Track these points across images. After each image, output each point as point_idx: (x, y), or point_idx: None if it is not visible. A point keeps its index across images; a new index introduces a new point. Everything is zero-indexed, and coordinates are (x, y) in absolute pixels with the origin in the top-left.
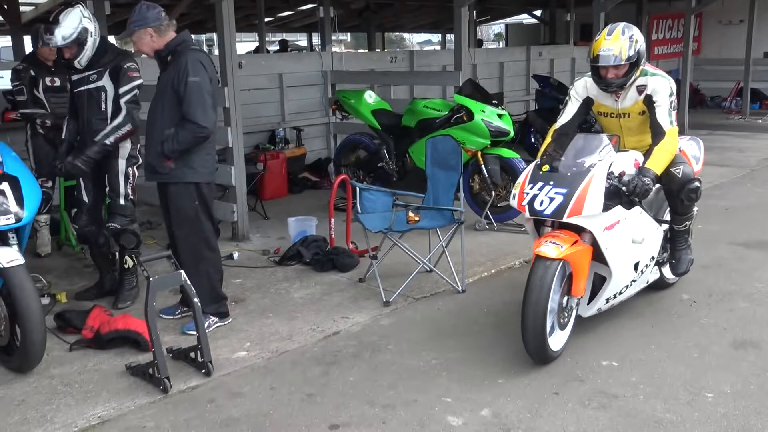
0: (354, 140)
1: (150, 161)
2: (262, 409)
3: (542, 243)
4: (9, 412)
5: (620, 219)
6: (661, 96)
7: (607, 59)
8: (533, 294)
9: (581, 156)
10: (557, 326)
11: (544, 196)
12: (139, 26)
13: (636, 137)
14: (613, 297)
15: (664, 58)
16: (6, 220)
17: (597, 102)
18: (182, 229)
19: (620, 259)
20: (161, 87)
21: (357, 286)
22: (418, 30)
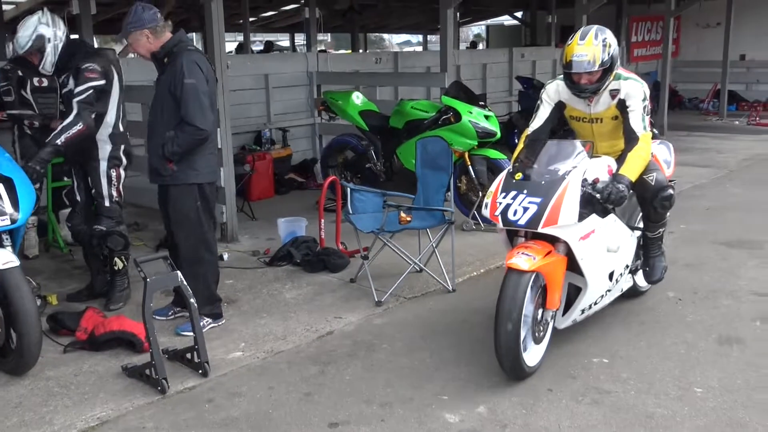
0: (341, 141)
1: (153, 164)
2: (262, 409)
3: (514, 254)
4: (6, 415)
5: (595, 228)
6: (635, 100)
7: (581, 65)
8: (505, 308)
9: (554, 163)
10: (532, 340)
11: (518, 206)
12: (135, 27)
13: (608, 142)
14: (588, 308)
15: (643, 59)
16: (1, 221)
17: (569, 106)
18: (183, 230)
19: (596, 269)
20: (160, 90)
21: (348, 286)
22: (401, 31)
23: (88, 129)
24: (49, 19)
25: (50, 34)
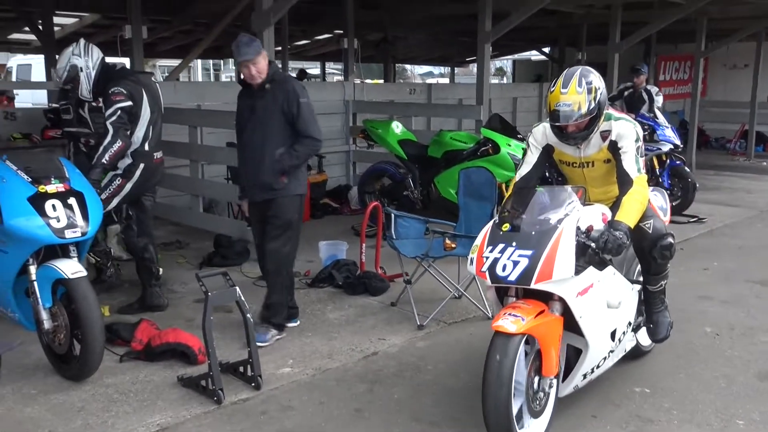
0: (379, 168)
1: (265, 180)
2: (314, 422)
3: (501, 316)
4: (70, 418)
5: (594, 282)
6: (627, 141)
7: (566, 116)
8: (491, 378)
9: (546, 212)
10: (529, 414)
11: (507, 260)
12: (260, 51)
13: (601, 188)
14: (591, 371)
15: (671, 98)
16: (73, 233)
17: (558, 150)
18: (283, 240)
19: (596, 328)
20: (265, 112)
21: (389, 309)
22: (429, 63)
23: (126, 146)
24: (81, 49)
25: (82, 64)
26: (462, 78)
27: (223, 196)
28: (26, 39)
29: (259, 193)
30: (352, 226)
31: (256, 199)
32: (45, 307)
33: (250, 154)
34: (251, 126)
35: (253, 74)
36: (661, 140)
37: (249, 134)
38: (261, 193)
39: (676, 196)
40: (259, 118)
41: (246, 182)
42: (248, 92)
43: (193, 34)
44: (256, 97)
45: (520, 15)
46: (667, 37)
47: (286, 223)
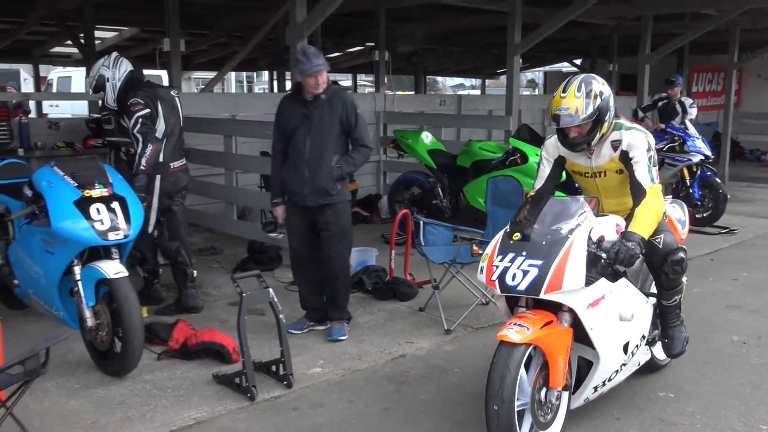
0: (409, 178)
1: (322, 185)
2: (344, 419)
3: (507, 326)
4: (111, 411)
5: (605, 293)
6: (638, 151)
7: (565, 120)
8: (495, 387)
9: (557, 222)
10: (536, 427)
11: (517, 269)
12: (325, 66)
13: (615, 199)
14: (602, 384)
15: (704, 110)
16: (116, 235)
17: (569, 161)
18: (341, 243)
19: (608, 341)
20: (317, 121)
21: (417, 314)
22: (459, 75)
23: (157, 148)
24: (111, 61)
25: (109, 75)
26: (493, 90)
27: (257, 204)
28: (67, 52)
29: (314, 198)
30: (382, 234)
31: (309, 204)
32: (88, 306)
33: (305, 160)
34: (304, 134)
35: (318, 84)
36: (692, 151)
37: (302, 142)
38: (316, 198)
39: (706, 207)
40: (315, 126)
41: (296, 188)
42: (300, 101)
43: (227, 47)
44: (311, 107)
45: (549, 27)
46: (700, 48)
47: (342, 227)
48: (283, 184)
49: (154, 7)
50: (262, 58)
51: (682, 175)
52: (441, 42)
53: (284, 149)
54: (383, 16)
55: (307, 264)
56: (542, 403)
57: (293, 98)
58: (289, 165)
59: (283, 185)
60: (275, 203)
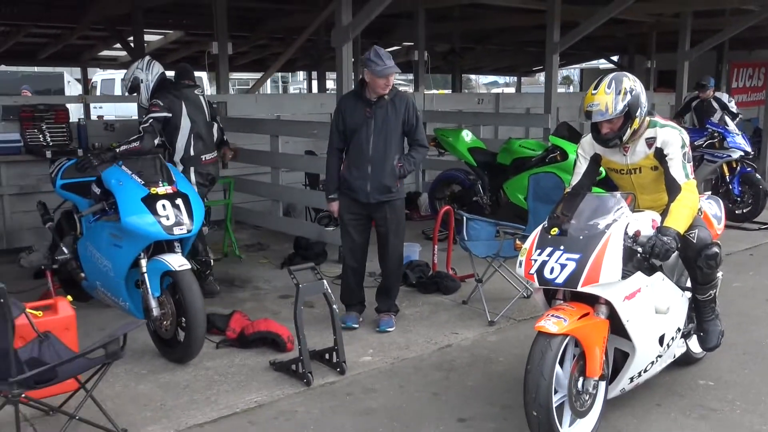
0: (449, 175)
1: (387, 183)
2: (396, 403)
3: (544, 317)
4: (178, 394)
5: (641, 287)
6: (673, 148)
7: (596, 115)
8: (532, 378)
9: (594, 217)
10: (572, 414)
11: (555, 263)
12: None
13: (651, 195)
14: (638, 375)
15: (744, 106)
16: (180, 230)
17: (605, 158)
18: (399, 236)
19: (644, 333)
20: (380, 121)
21: (461, 307)
22: (495, 73)
23: (142, 149)
24: (144, 64)
25: (143, 77)
26: (528, 87)
27: (302, 201)
28: (114, 55)
29: (376, 195)
30: (423, 230)
31: (371, 201)
32: (154, 296)
33: (368, 158)
34: (367, 133)
35: (388, 85)
36: (731, 147)
37: (366, 140)
38: (379, 195)
39: (746, 203)
40: (379, 126)
41: (359, 185)
42: (362, 101)
43: (267, 48)
44: (375, 107)
45: (588, 26)
46: (740, 44)
47: (399, 223)
48: (342, 180)
49: (200, 11)
50: (300, 58)
51: (722, 171)
52: (478, 41)
53: (341, 147)
54: (422, 17)
55: (361, 256)
56: (580, 392)
57: (356, 98)
58: (350, 162)
59: (340, 182)
60: (332, 198)
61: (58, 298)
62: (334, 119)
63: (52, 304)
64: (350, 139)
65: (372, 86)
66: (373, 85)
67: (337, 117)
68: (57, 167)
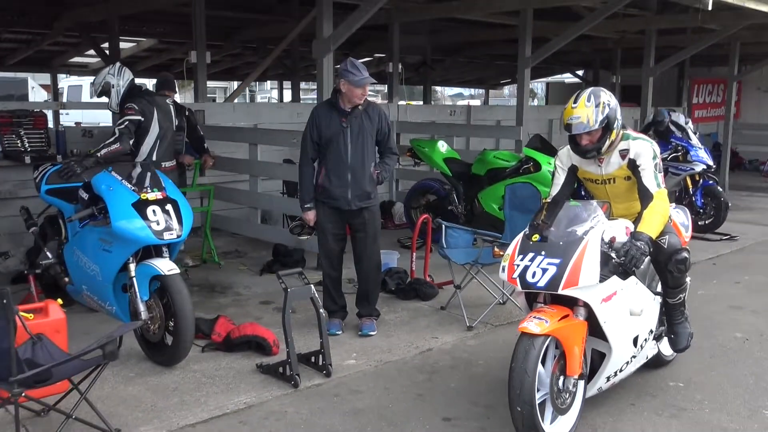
0: (424, 185)
1: (366, 190)
2: (382, 403)
3: (527, 319)
4: (167, 396)
5: (617, 290)
6: (645, 159)
7: (578, 127)
8: (516, 376)
9: (572, 224)
10: (554, 411)
11: (537, 267)
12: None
13: (624, 204)
14: (614, 374)
15: (704, 121)
16: (170, 234)
17: (581, 168)
18: (375, 243)
19: (619, 333)
20: (356, 130)
21: (439, 313)
22: (463, 85)
23: (123, 149)
24: (115, 70)
25: (114, 82)
26: (493, 100)
27: (279, 209)
28: (84, 62)
29: (357, 201)
30: (398, 239)
31: (353, 207)
32: (143, 300)
33: (348, 166)
34: (345, 142)
35: (364, 95)
36: (694, 161)
37: (343, 149)
38: (359, 202)
39: (708, 214)
40: (355, 135)
41: (340, 192)
42: (337, 110)
43: (240, 57)
44: (350, 116)
45: (559, 41)
46: (701, 60)
47: (377, 228)
48: (321, 190)
49: (175, 20)
50: (273, 68)
51: (685, 183)
52: (449, 53)
53: (314, 156)
54: (397, 30)
55: (339, 264)
56: (560, 390)
57: (330, 108)
58: (329, 171)
59: (319, 191)
60: (307, 208)
61: (48, 301)
62: (308, 129)
63: (42, 307)
64: (326, 149)
65: (348, 96)
66: (350, 95)
67: (311, 127)
68: (41, 173)
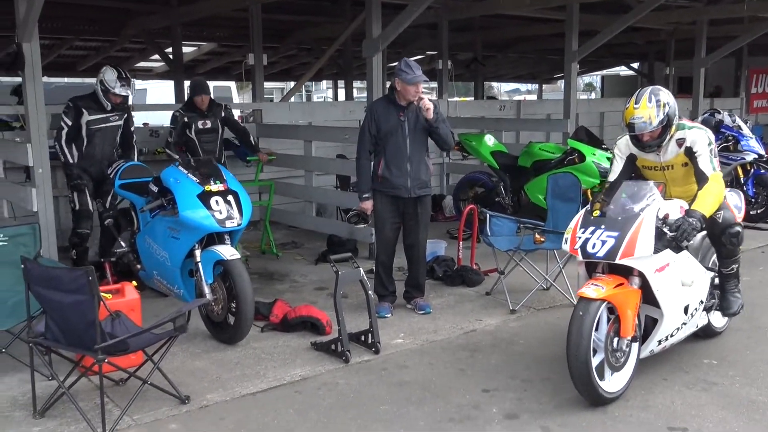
0: (473, 178)
1: (423, 179)
2: (427, 377)
3: (585, 285)
4: (231, 369)
5: (670, 262)
6: (700, 146)
7: (640, 127)
8: (573, 335)
9: (630, 202)
10: (609, 368)
11: (596, 240)
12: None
13: (681, 187)
14: (665, 339)
15: (764, 111)
16: (231, 223)
17: (640, 157)
18: (426, 230)
19: (671, 301)
20: (412, 124)
21: (484, 297)
22: (516, 80)
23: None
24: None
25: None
26: (550, 94)
27: (333, 202)
28: (149, 66)
29: (416, 189)
30: (447, 230)
31: (412, 196)
32: (207, 283)
33: (407, 157)
34: (403, 134)
35: (418, 92)
36: (745, 150)
37: (402, 141)
38: (418, 190)
39: (760, 204)
40: (412, 128)
41: (401, 182)
42: (394, 106)
43: (295, 58)
44: (407, 111)
45: (605, 34)
46: (759, 50)
47: (428, 216)
48: (381, 180)
49: (233, 24)
50: (327, 68)
51: (736, 173)
52: (500, 49)
53: (371, 149)
54: (446, 27)
55: (393, 251)
56: (614, 349)
57: (387, 103)
58: (389, 162)
59: (379, 181)
60: (366, 198)
61: (124, 283)
62: (366, 124)
63: (119, 288)
64: (384, 142)
65: (403, 93)
66: (404, 92)
67: (369, 121)
68: (115, 169)
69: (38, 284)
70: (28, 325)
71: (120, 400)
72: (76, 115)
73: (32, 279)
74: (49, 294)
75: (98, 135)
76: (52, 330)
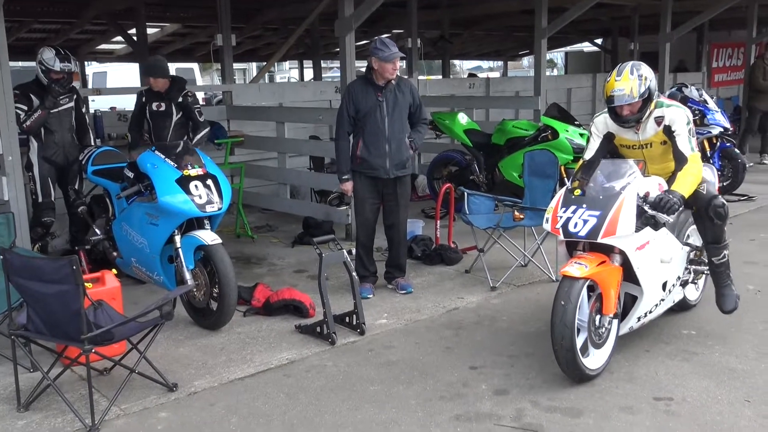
0: (446, 156)
1: (402, 159)
2: (414, 356)
3: (568, 264)
4: (215, 354)
5: (650, 240)
6: (679, 125)
7: (621, 99)
8: (558, 314)
9: (610, 180)
10: (591, 346)
11: (578, 219)
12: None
13: (659, 165)
14: (644, 315)
15: (725, 85)
16: (211, 207)
17: (618, 136)
18: (406, 211)
19: (650, 279)
20: (391, 104)
21: (464, 276)
22: (481, 58)
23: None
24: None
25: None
26: (512, 71)
27: (307, 183)
28: (110, 48)
29: (395, 170)
30: (422, 209)
31: (391, 176)
32: (188, 269)
33: (386, 137)
34: (382, 115)
35: (395, 69)
36: (711, 124)
37: (381, 121)
38: (397, 171)
39: (726, 176)
40: (391, 108)
41: (379, 162)
42: (372, 86)
43: (260, 38)
44: (385, 91)
45: (575, 11)
46: (720, 24)
47: (407, 197)
48: (360, 161)
49: (198, 4)
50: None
51: (703, 146)
52: (467, 27)
53: (350, 130)
54: (415, 6)
55: (373, 232)
56: (597, 327)
57: (365, 84)
58: (367, 143)
59: (358, 162)
60: (345, 179)
61: (104, 271)
62: (344, 105)
63: (99, 276)
64: (363, 122)
65: (380, 72)
66: (382, 70)
67: (347, 102)
68: (87, 155)
69: (18, 275)
70: (9, 317)
71: (106, 390)
72: (27, 102)
73: (12, 269)
74: (31, 285)
75: (53, 121)
76: (34, 321)
